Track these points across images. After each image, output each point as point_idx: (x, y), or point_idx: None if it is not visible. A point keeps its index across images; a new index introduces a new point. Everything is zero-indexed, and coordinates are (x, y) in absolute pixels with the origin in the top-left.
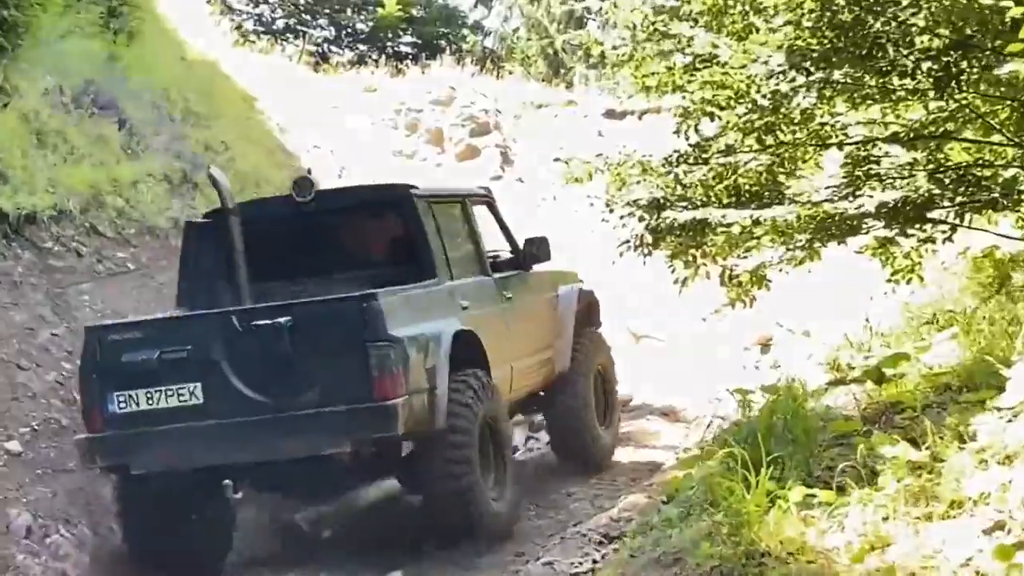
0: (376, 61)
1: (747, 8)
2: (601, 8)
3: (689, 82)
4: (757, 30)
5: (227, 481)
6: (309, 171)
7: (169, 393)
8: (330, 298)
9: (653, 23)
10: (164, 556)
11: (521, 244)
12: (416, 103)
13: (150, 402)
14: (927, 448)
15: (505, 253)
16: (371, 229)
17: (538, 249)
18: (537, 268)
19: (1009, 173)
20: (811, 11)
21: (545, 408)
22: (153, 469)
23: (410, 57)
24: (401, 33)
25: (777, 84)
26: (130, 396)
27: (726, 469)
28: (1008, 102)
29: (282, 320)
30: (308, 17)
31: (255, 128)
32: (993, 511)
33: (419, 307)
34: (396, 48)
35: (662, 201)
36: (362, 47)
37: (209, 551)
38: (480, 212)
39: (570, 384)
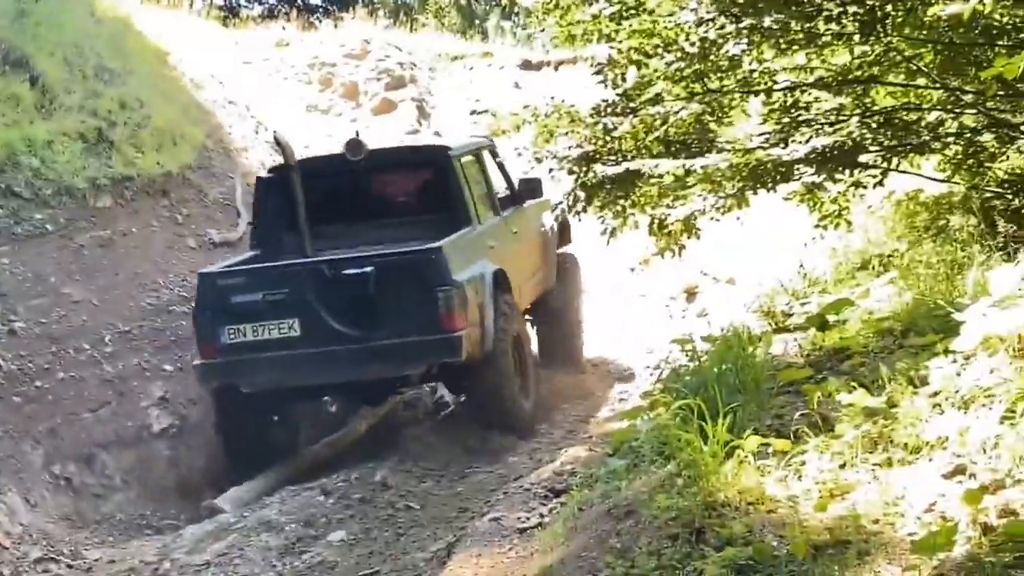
0: (287, 15)
1: None
2: None
3: (616, 31)
4: None
5: (326, 397)
6: (358, 133)
7: (271, 327)
8: (404, 250)
9: None
10: (248, 451)
11: (516, 183)
12: (329, 57)
13: (255, 334)
14: (884, 394)
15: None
16: (413, 183)
17: (533, 188)
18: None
19: (933, 116)
20: None
21: (539, 321)
22: (259, 388)
23: (321, 10)
24: None
25: (705, 32)
26: (238, 329)
27: (680, 420)
28: (932, 45)
29: (366, 269)
30: None
31: (169, 84)
32: (951, 455)
33: (467, 252)
34: (307, 1)
35: (592, 154)
36: (272, 1)
37: (282, 449)
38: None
39: (561, 302)
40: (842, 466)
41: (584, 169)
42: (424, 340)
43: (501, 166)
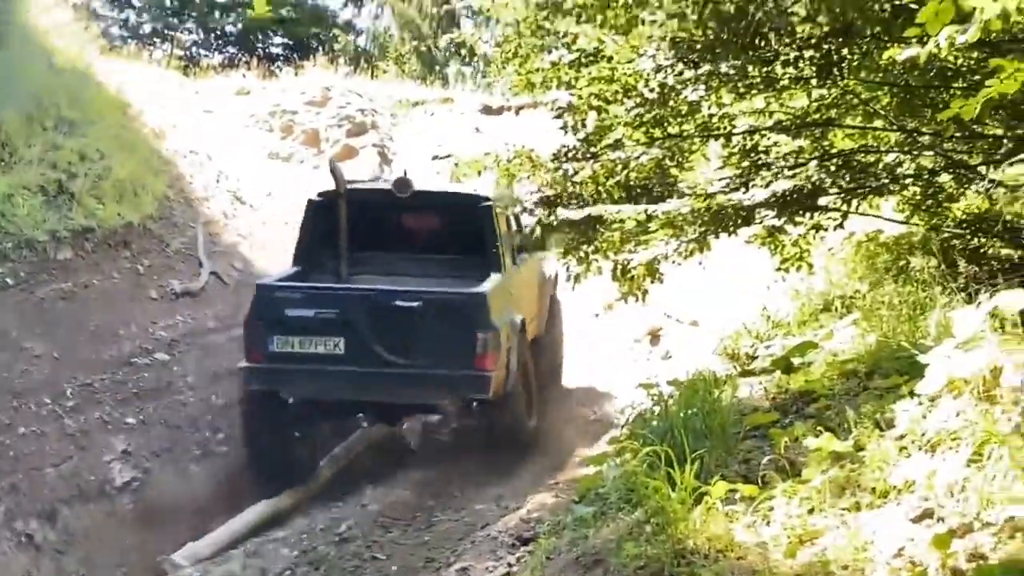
0: (248, 63)
1: (630, 1)
2: (481, 7)
3: (576, 78)
4: (642, 22)
5: (360, 414)
6: (406, 172)
7: (318, 342)
8: (452, 291)
9: (536, 19)
10: (273, 461)
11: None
12: (290, 105)
13: (302, 347)
14: (851, 437)
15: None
16: (452, 225)
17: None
18: None
19: (891, 158)
20: (694, 3)
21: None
22: (297, 396)
23: (282, 58)
24: (272, 34)
25: (664, 77)
26: (287, 340)
27: (647, 466)
28: (889, 88)
29: (415, 303)
30: (175, 20)
31: (130, 135)
32: (919, 499)
33: (501, 299)
34: (267, 50)
35: (553, 198)
36: (232, 49)
37: (302, 461)
38: None
39: (550, 343)
40: (810, 511)
41: (546, 212)
42: (458, 375)
43: (518, 218)
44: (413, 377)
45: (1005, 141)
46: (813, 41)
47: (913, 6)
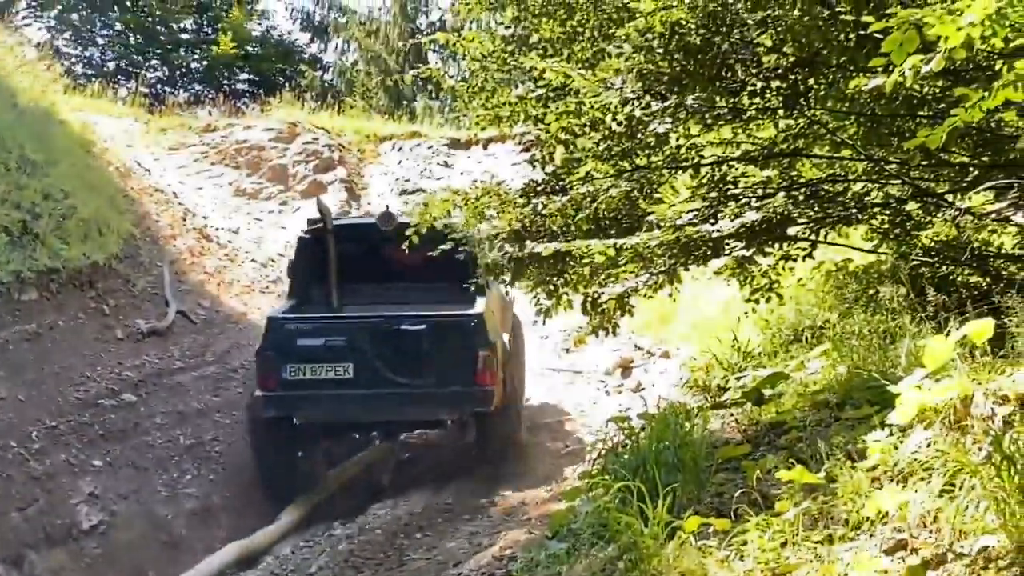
0: (213, 100)
1: (596, 35)
2: (447, 41)
3: (543, 113)
4: (609, 56)
5: (374, 433)
6: (388, 207)
7: (328, 369)
8: (453, 314)
9: (502, 54)
10: (282, 479)
11: None
12: (257, 141)
13: (314, 374)
14: (823, 469)
15: None
16: (436, 254)
17: None
18: None
19: (858, 187)
20: (660, 35)
21: None
22: (311, 420)
23: (248, 95)
24: (237, 71)
25: (632, 110)
26: (299, 368)
27: (619, 501)
28: (855, 117)
29: (420, 327)
30: (139, 58)
31: (94, 174)
32: (891, 530)
33: (490, 320)
34: (233, 86)
35: (522, 232)
36: (198, 86)
37: (308, 479)
38: None
39: (515, 358)
40: (784, 544)
41: (515, 245)
42: (462, 391)
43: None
44: (419, 396)
45: (971, 169)
46: (779, 71)
47: (878, 36)
